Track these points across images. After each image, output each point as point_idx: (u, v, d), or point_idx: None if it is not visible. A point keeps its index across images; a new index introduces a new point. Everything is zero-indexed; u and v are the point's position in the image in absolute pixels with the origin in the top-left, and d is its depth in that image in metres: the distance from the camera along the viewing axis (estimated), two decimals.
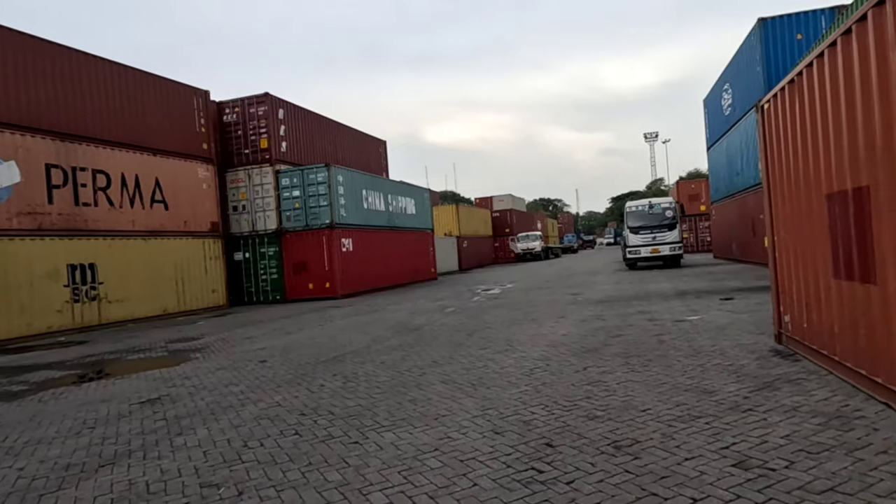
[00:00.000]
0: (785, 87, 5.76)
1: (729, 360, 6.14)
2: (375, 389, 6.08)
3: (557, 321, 10.43)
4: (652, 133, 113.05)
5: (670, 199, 26.43)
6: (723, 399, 4.70)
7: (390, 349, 8.78)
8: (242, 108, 23.01)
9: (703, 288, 14.51)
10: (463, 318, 12.25)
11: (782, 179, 6.08)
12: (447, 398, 5.47)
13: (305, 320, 14.47)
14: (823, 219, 5.03)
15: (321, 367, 7.64)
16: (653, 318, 9.85)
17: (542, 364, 6.69)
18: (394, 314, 14.21)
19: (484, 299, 16.64)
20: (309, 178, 22.30)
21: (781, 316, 6.53)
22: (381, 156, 33.14)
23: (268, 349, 9.83)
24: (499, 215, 56.49)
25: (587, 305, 12.60)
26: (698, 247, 42.56)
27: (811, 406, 4.34)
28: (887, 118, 3.84)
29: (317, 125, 25.95)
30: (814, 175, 5.17)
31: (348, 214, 23.04)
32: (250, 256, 23.00)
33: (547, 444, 3.98)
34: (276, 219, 22.57)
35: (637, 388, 5.24)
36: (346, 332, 11.31)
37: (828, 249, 5.00)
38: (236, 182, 23.09)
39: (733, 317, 9.24)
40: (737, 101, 23.38)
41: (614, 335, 8.36)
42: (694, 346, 7.09)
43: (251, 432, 4.84)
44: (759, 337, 7.32)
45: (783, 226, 6.21)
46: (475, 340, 8.94)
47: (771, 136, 6.37)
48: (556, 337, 8.65)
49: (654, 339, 7.73)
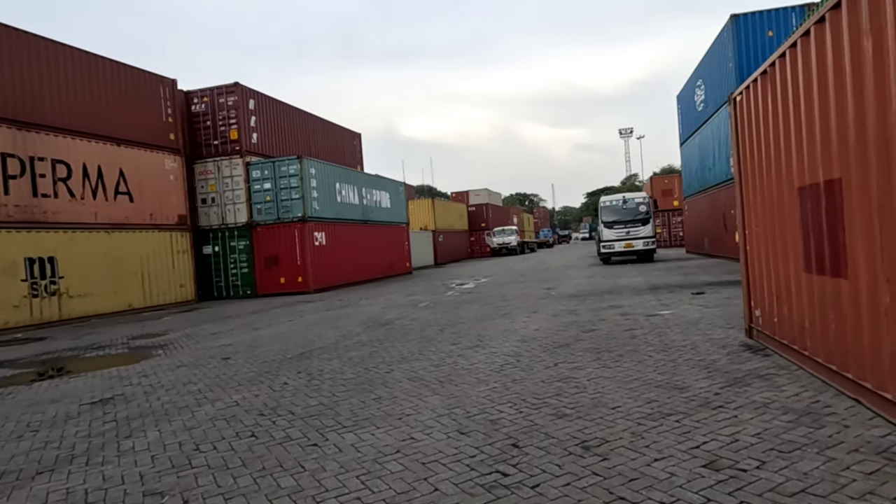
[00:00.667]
0: (757, 79, 5.68)
1: (700, 355, 6.07)
2: (340, 387, 5.86)
3: (530, 316, 10.32)
4: (627, 129, 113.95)
5: (644, 195, 26.58)
6: (693, 395, 4.60)
7: (359, 345, 8.56)
8: (212, 97, 22.43)
9: (675, 282, 14.57)
10: (435, 312, 12.07)
11: (754, 172, 6.01)
12: (413, 396, 5.28)
13: (275, 315, 14.14)
14: (795, 212, 4.96)
15: (286, 365, 7.39)
16: (625, 312, 9.80)
17: (513, 360, 6.55)
18: (366, 309, 13.97)
19: (458, 294, 16.49)
20: (280, 171, 21.85)
21: (752, 311, 6.49)
22: (355, 148, 32.73)
23: (233, 345, 9.52)
24: (475, 210, 56.40)
25: (560, 300, 12.52)
26: (671, 241, 43.06)
27: (782, 402, 4.26)
28: (860, 109, 3.75)
29: (289, 116, 25.46)
30: (786, 168, 5.10)
31: (321, 208, 22.65)
32: (220, 250, 22.48)
33: (513, 444, 3.83)
34: (246, 212, 22.08)
35: (608, 385, 5.13)
36: (315, 328, 11.05)
37: (799, 243, 4.93)
38: (205, 174, 22.53)
39: (704, 311, 9.22)
40: (709, 97, 23.57)
41: (586, 330, 8.27)
42: (665, 340, 7.02)
43: (205, 434, 4.59)
44: (729, 331, 7.28)
45: (755, 220, 6.15)
46: (446, 336, 8.77)
47: (743, 129, 6.30)
48: (528, 332, 8.53)
49: (625, 334, 7.65)
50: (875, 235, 3.64)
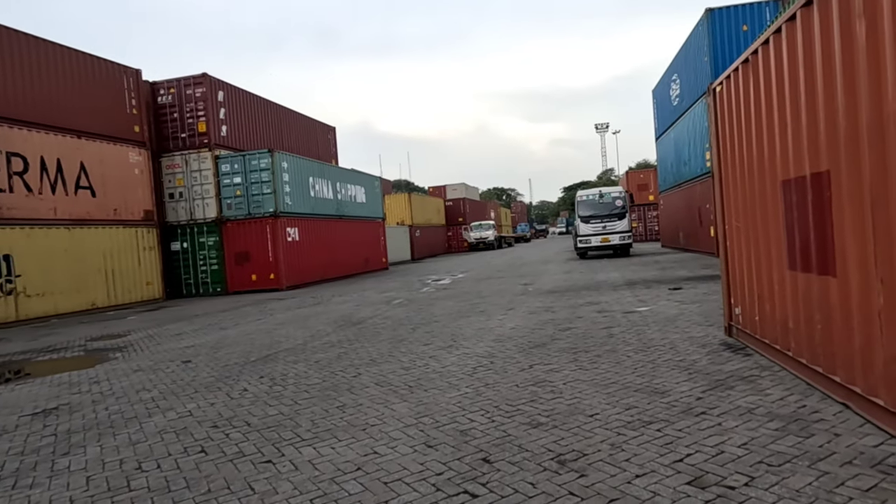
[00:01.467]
0: (739, 68, 5.45)
1: (680, 355, 5.86)
2: (303, 394, 5.51)
3: (506, 313, 10.06)
4: (603, 124, 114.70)
5: (620, 189, 26.56)
6: (675, 401, 4.36)
7: (328, 346, 8.20)
8: (179, 89, 21.70)
9: (652, 277, 14.46)
10: (410, 310, 11.75)
11: (734, 165, 5.80)
12: (380, 403, 4.96)
13: (244, 314, 13.67)
14: (778, 206, 4.75)
15: (248, 368, 7.00)
16: (602, 309, 9.59)
17: (487, 362, 6.26)
18: (339, 307, 13.58)
19: (434, 290, 16.18)
20: (251, 165, 21.25)
21: (732, 308, 6.30)
22: (330, 142, 32.15)
23: (195, 347, 9.08)
24: (452, 204, 56.07)
25: (537, 296, 12.30)
26: (647, 236, 43.29)
27: (767, 407, 4.04)
28: (851, 97, 3.52)
29: (261, 109, 24.81)
30: (769, 160, 4.88)
31: (294, 203, 22.12)
32: (188, 246, 21.82)
33: (484, 459, 3.53)
34: (215, 207, 21.45)
35: (585, 389, 4.87)
36: (284, 327, 10.64)
37: (783, 239, 4.72)
38: (172, 167, 21.82)
39: (682, 308, 9.06)
40: (684, 92, 23.57)
41: (563, 328, 8.03)
42: (644, 339, 6.80)
43: (150, 450, 4.21)
44: (708, 329, 7.10)
45: (735, 214, 5.94)
46: (419, 335, 8.45)
47: (723, 120, 6.09)
48: (504, 331, 8.26)
49: (603, 333, 7.42)
50: (867, 232, 3.42)
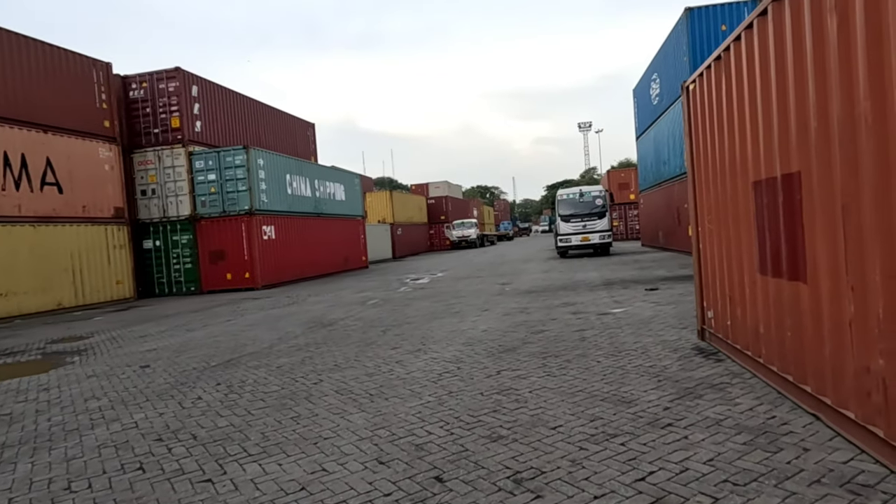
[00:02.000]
0: (711, 66, 5.30)
1: (651, 360, 5.70)
2: (259, 403, 5.26)
3: (480, 315, 9.87)
4: (586, 123, 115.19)
5: (600, 188, 26.53)
6: (642, 411, 4.18)
7: (294, 349, 7.93)
8: (151, 83, 21.17)
9: (630, 277, 14.37)
10: (383, 311, 11.51)
11: (707, 165, 5.65)
12: (337, 413, 4.73)
13: (215, 314, 13.32)
14: (750, 208, 4.60)
15: (208, 374, 6.72)
16: (577, 310, 9.44)
17: (454, 367, 6.06)
18: (312, 307, 13.30)
19: (411, 290, 15.95)
20: (226, 161, 20.82)
21: (705, 311, 6.16)
22: (309, 139, 31.71)
23: (158, 350, 8.76)
24: (434, 202, 55.83)
25: (514, 296, 12.13)
26: (628, 235, 43.46)
27: (735, 419, 3.88)
28: (823, 96, 3.36)
29: (236, 104, 24.33)
30: (740, 160, 4.72)
31: (270, 200, 21.72)
32: (161, 244, 21.32)
33: (437, 478, 3.32)
34: (189, 204, 20.99)
35: (550, 398, 4.68)
36: (253, 329, 10.34)
37: (753, 242, 4.57)
38: (145, 164, 21.30)
39: (657, 309, 8.93)
40: (664, 91, 23.58)
41: (536, 331, 7.85)
42: (616, 343, 6.64)
43: (84, 467, 3.93)
44: (682, 332, 6.96)
45: (707, 215, 5.80)
46: (388, 338, 8.22)
47: (696, 119, 5.94)
48: (476, 333, 8.06)
49: (575, 336, 7.26)
50: (838, 237, 3.26)
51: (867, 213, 2.98)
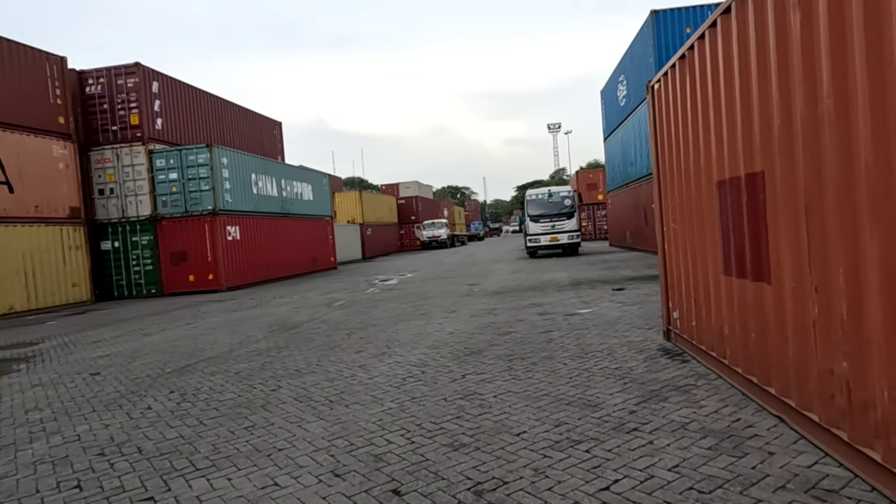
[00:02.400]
0: (676, 65, 5.26)
1: (617, 361, 5.64)
2: (212, 412, 5.01)
3: (447, 316, 9.73)
4: (555, 124, 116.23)
5: (569, 188, 26.69)
6: (607, 415, 4.10)
7: (255, 354, 7.67)
8: (109, 78, 20.47)
9: (597, 277, 14.42)
10: (349, 313, 11.28)
11: (672, 165, 5.62)
12: (294, 422, 4.53)
13: (175, 318, 12.89)
14: (714, 208, 4.56)
15: (161, 381, 6.42)
16: (545, 311, 9.38)
17: (418, 371, 5.90)
18: (276, 309, 12.98)
19: (379, 291, 15.74)
20: (188, 160, 20.26)
21: (670, 312, 6.14)
22: (276, 138, 31.17)
23: (111, 356, 8.39)
24: (404, 202, 55.55)
25: (482, 297, 12.03)
26: (596, 235, 43.93)
27: (701, 422, 3.82)
28: (786, 94, 3.31)
29: (200, 102, 23.71)
30: (705, 160, 4.69)
31: (235, 200, 21.22)
32: (120, 246, 20.64)
33: (394, 491, 3.16)
34: (150, 204, 20.36)
35: (515, 403, 4.56)
36: (213, 333, 10.00)
37: (718, 242, 4.53)
38: (103, 162, 20.59)
39: (624, 309, 8.93)
40: (631, 93, 23.83)
41: (503, 332, 7.75)
42: (582, 344, 6.57)
43: (16, 487, 3.65)
44: (647, 333, 6.94)
45: (672, 215, 5.77)
46: (353, 342, 8.02)
47: (661, 118, 5.91)
48: (442, 336, 7.92)
49: (542, 337, 7.17)
50: (802, 237, 3.21)
51: (830, 213, 2.93)
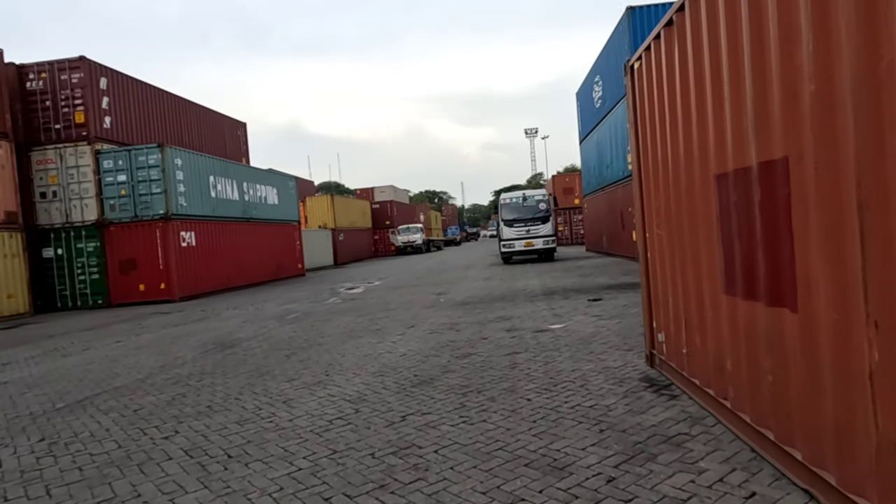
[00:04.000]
0: (661, 34, 4.30)
1: (591, 396, 4.64)
2: (72, 473, 3.88)
3: (404, 333, 8.67)
4: (532, 129, 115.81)
5: (544, 192, 25.83)
6: (578, 486, 3.08)
7: (171, 382, 6.52)
8: (52, 73, 19.02)
9: (572, 286, 13.49)
10: (299, 328, 10.15)
11: (657, 159, 4.66)
12: (167, 493, 3.43)
13: (108, 334, 11.61)
14: (711, 209, 3.60)
15: (41, 422, 5.25)
16: (513, 326, 8.38)
17: (351, 410, 4.84)
18: (222, 323, 11.78)
19: (340, 301, 14.61)
20: (138, 161, 18.90)
21: (654, 333, 5.18)
22: (240, 139, 29.82)
23: (7, 385, 7.16)
24: (379, 207, 54.36)
25: (446, 309, 10.99)
26: (572, 239, 43.27)
27: (702, 498, 2.83)
28: (824, 46, 2.35)
29: (155, 100, 22.31)
30: (699, 150, 3.72)
31: (190, 204, 19.89)
32: (64, 253, 19.16)
33: None
34: (96, 208, 18.95)
35: (461, 462, 3.52)
36: (139, 353, 8.80)
37: (717, 252, 3.57)
38: (45, 163, 19.11)
39: (599, 325, 7.97)
40: (607, 94, 23.10)
41: (462, 354, 6.71)
42: (551, 371, 5.57)
43: None
44: (627, 356, 5.97)
45: (657, 219, 4.81)
46: (289, 366, 6.91)
47: (643, 103, 4.95)
48: (392, 358, 6.86)
49: (506, 361, 6.16)
50: (850, 248, 2.24)
51: None
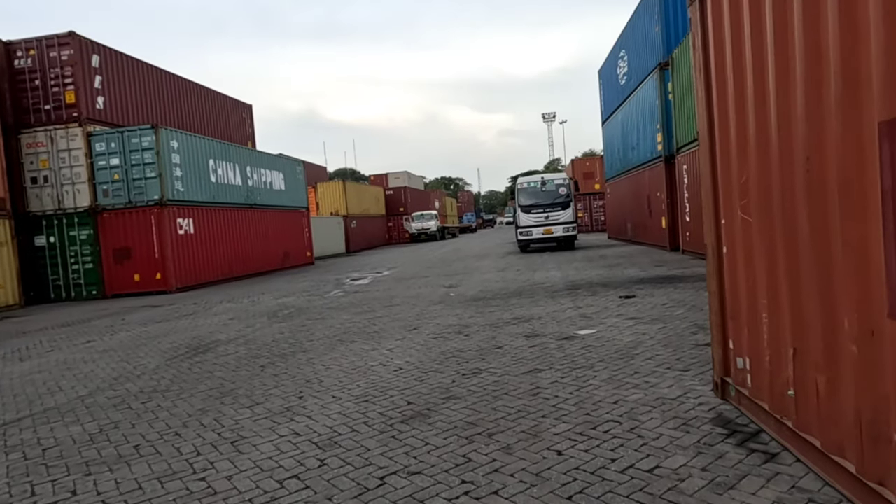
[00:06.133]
0: None
1: (648, 449, 3.30)
2: None
3: (404, 337, 7.38)
4: (550, 114, 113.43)
5: (564, 176, 24.27)
6: None
7: (114, 404, 5.32)
8: (40, 50, 17.91)
9: (598, 279, 12.08)
10: (288, 328, 8.92)
11: (745, 114, 3.25)
12: None
13: (83, 332, 10.51)
14: (867, 180, 2.21)
15: None
16: (532, 331, 7.04)
17: (315, 462, 3.55)
18: (208, 320, 10.61)
19: (342, 294, 13.37)
20: (131, 143, 17.77)
21: (729, 355, 3.80)
22: (245, 122, 28.64)
23: None
24: (393, 193, 53.15)
25: (456, 306, 9.68)
26: (593, 226, 41.66)
27: None
28: None
29: (153, 80, 21.13)
30: (843, 86, 2.32)
31: (187, 189, 18.75)
32: (56, 241, 18.17)
33: None
34: (89, 193, 17.90)
35: None
36: (100, 360, 7.63)
37: (876, 250, 2.19)
38: (35, 146, 18.08)
39: (639, 331, 6.60)
40: (633, 68, 21.44)
41: (469, 371, 5.40)
42: (587, 402, 4.23)
43: None
44: (684, 378, 4.60)
45: (742, 200, 3.41)
46: (260, 382, 5.66)
47: (722, 43, 3.53)
48: (385, 374, 5.57)
49: (525, 383, 4.83)
50: None
51: None
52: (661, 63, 17.36)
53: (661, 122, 17.81)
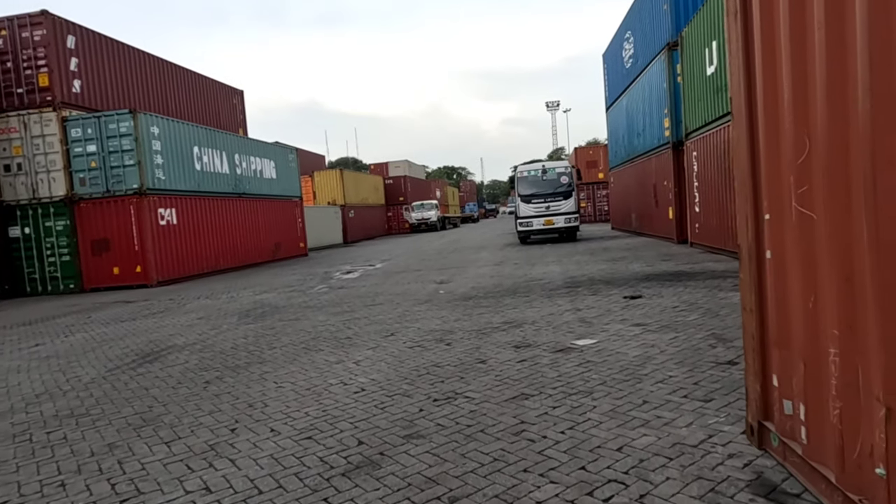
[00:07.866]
0: None
1: None
2: None
3: (377, 345, 6.46)
4: (553, 102, 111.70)
5: (566, 164, 23.20)
6: None
7: (13, 434, 4.43)
8: (12, 30, 16.92)
9: (600, 274, 11.12)
10: (254, 331, 8.01)
11: (802, 50, 2.29)
12: None
13: (38, 333, 9.64)
14: None
15: None
16: (523, 340, 6.10)
17: None
18: (174, 319, 9.73)
19: (326, 289, 12.47)
20: (108, 129, 16.83)
21: (772, 395, 2.86)
22: (235, 108, 27.61)
23: None
24: (392, 182, 52.08)
25: (443, 307, 8.75)
26: (596, 216, 40.62)
27: None
28: None
29: (135, 63, 20.10)
30: None
31: (169, 177, 17.81)
32: (31, 232, 17.29)
33: None
34: (64, 182, 16.98)
35: None
36: (34, 370, 6.75)
37: None
38: (7, 132, 17.15)
39: (646, 341, 5.65)
40: (639, 50, 20.32)
41: (443, 395, 4.47)
42: (582, 448, 3.30)
43: None
44: (706, 413, 3.66)
45: (798, 191, 2.45)
46: (194, 406, 4.75)
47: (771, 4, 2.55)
48: (343, 397, 4.65)
49: (508, 416, 3.90)
50: None
51: None
52: (670, 43, 16.28)
53: (668, 106, 16.77)
